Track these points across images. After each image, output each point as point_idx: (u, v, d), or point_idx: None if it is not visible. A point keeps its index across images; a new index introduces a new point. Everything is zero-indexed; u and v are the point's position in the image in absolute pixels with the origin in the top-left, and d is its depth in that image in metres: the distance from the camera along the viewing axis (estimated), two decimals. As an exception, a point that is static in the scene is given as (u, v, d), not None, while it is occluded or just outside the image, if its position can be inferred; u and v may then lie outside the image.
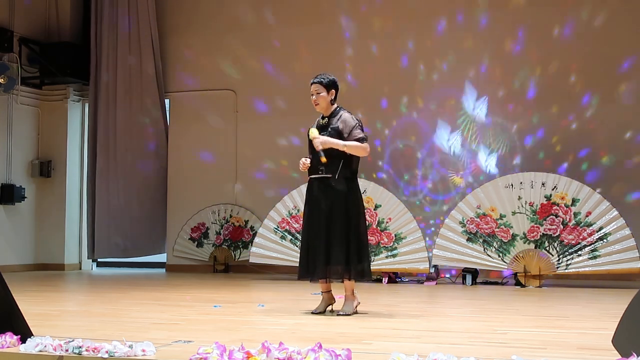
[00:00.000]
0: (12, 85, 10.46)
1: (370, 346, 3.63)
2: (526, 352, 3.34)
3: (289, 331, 4.28)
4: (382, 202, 8.55)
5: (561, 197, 7.98)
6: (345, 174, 5.10)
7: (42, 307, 5.65)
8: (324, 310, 5.21)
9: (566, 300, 6.60)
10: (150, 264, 11.35)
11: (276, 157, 10.28)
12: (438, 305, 6.50)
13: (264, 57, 10.51)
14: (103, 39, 11.07)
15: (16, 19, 10.76)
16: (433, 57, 9.70)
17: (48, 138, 11.21)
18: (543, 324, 4.76)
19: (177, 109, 11.06)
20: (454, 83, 9.55)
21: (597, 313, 5.46)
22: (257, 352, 3.01)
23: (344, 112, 5.21)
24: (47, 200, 11.12)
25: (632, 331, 2.97)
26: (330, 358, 2.92)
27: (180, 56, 11.03)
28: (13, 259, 10.58)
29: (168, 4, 11.13)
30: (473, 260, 8.21)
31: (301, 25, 10.32)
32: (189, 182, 10.79)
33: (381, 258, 8.43)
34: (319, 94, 5.18)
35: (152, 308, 5.74)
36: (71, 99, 11.30)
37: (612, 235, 7.77)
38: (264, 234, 9.00)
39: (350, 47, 10.06)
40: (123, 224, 10.92)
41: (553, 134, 9.14)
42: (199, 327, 4.42)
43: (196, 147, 10.85)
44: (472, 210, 8.25)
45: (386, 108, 9.81)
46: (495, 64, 9.45)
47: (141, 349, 3.18)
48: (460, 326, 4.60)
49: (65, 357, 3.16)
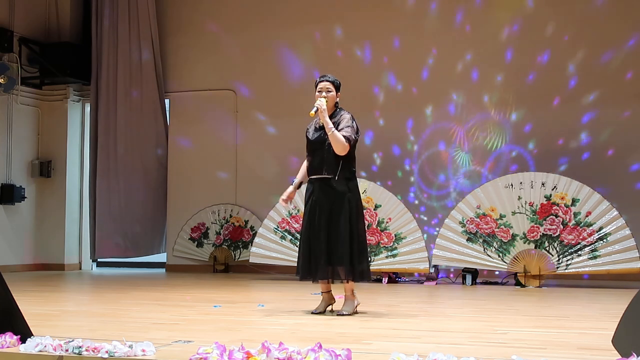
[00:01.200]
0: (12, 85, 10.46)
1: (370, 346, 3.63)
2: (526, 352, 3.34)
3: (289, 331, 4.28)
4: (382, 202, 8.55)
5: (561, 197, 7.98)
6: (345, 174, 5.11)
7: (42, 307, 5.65)
8: (324, 310, 5.21)
9: (566, 300, 6.60)
10: (150, 264, 11.35)
11: (276, 157, 10.27)
12: (438, 305, 6.49)
13: (264, 57, 10.50)
14: (103, 39, 11.07)
15: (16, 19, 10.76)
16: (436, 52, 9.70)
17: (48, 138, 11.20)
18: (543, 324, 4.76)
19: (177, 109, 11.06)
20: (455, 80, 9.57)
21: (597, 313, 5.46)
22: (257, 352, 3.01)
23: (345, 112, 5.22)
24: (47, 200, 11.11)
25: (632, 331, 2.97)
26: (330, 358, 2.92)
27: (180, 56, 11.03)
28: (13, 259, 10.58)
29: (168, 4, 11.14)
30: (473, 260, 8.21)
31: (301, 25, 10.32)
32: (189, 182, 10.80)
33: (381, 258, 8.43)
34: (329, 91, 5.18)
35: (152, 308, 5.74)
36: (71, 99, 11.29)
37: (612, 235, 7.76)
38: (264, 234, 9.00)
39: (346, 49, 10.07)
40: (123, 224, 10.92)
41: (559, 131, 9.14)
42: (199, 327, 4.42)
43: (196, 147, 10.85)
44: (472, 210, 8.25)
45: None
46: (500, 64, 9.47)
47: (141, 349, 3.18)
48: (460, 326, 4.60)
49: (65, 357, 3.16)
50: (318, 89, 5.21)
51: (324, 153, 5.13)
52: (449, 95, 9.59)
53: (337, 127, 5.09)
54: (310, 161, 5.24)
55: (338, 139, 5.03)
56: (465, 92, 9.53)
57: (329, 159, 5.10)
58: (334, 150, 5.06)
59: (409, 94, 9.78)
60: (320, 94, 5.18)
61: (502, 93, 9.39)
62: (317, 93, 5.19)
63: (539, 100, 9.23)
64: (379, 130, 9.81)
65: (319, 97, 5.16)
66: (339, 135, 5.04)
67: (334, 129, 5.05)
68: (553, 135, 9.11)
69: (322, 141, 5.14)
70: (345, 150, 5.05)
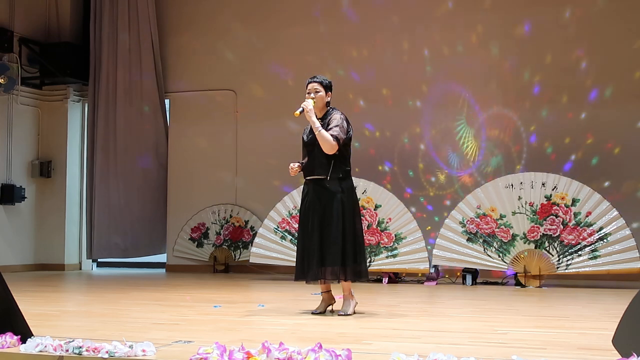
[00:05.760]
0: (12, 85, 10.46)
1: (370, 346, 3.63)
2: (526, 352, 3.34)
3: (289, 331, 4.28)
4: (382, 202, 8.55)
5: (561, 197, 7.97)
6: (337, 174, 5.11)
7: (42, 307, 5.65)
8: (324, 310, 5.21)
9: (566, 300, 6.60)
10: (150, 264, 11.35)
11: (276, 157, 10.26)
12: (438, 305, 6.49)
13: (264, 57, 10.50)
14: (103, 38, 11.06)
15: (16, 19, 10.76)
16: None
17: (48, 138, 11.20)
18: (543, 324, 4.76)
19: (177, 109, 11.06)
20: (457, 78, 9.58)
21: (597, 313, 5.46)
22: (257, 352, 3.01)
23: (336, 112, 5.21)
24: (47, 200, 11.11)
25: (632, 331, 2.97)
26: (330, 358, 2.92)
27: (180, 56, 11.03)
28: (13, 259, 10.58)
29: (168, 4, 11.14)
30: (473, 260, 8.20)
31: (302, 25, 10.32)
32: (189, 182, 10.80)
33: (381, 258, 8.43)
34: (317, 92, 5.19)
35: (152, 308, 5.74)
36: (71, 99, 11.29)
37: (612, 235, 7.76)
38: (264, 234, 9.00)
39: (353, 46, 10.08)
40: (123, 224, 10.92)
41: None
42: (199, 327, 4.42)
43: (196, 147, 10.85)
44: (472, 211, 8.24)
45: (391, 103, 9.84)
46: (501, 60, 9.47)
47: (141, 349, 3.19)
48: (460, 326, 4.60)
49: (65, 357, 3.16)
50: (307, 90, 5.22)
51: (315, 154, 5.13)
52: (456, 92, 9.60)
53: (327, 127, 5.09)
54: (304, 163, 5.25)
55: (325, 138, 5.03)
56: (472, 90, 9.51)
57: (321, 160, 5.11)
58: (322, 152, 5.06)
59: (413, 92, 9.78)
60: (309, 95, 5.19)
61: (508, 91, 9.40)
62: (307, 94, 5.21)
63: (541, 100, 9.24)
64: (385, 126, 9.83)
65: (308, 97, 5.18)
66: (326, 134, 5.04)
67: (322, 129, 5.06)
68: (556, 135, 9.12)
69: (314, 142, 5.14)
70: (333, 150, 5.05)
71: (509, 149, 9.33)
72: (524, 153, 9.26)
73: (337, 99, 5.36)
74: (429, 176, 9.63)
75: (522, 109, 9.31)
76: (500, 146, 9.37)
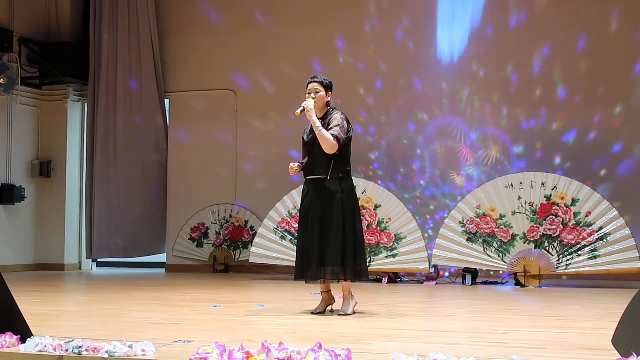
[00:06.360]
0: (12, 85, 10.46)
1: (370, 346, 3.63)
2: (526, 352, 3.34)
3: (289, 331, 4.28)
4: (382, 202, 8.55)
5: (561, 197, 7.98)
6: (337, 174, 5.12)
7: (42, 307, 5.65)
8: (324, 310, 5.21)
9: (566, 300, 6.60)
10: (150, 264, 11.35)
11: (276, 157, 10.26)
12: (438, 305, 6.49)
13: (265, 57, 10.50)
14: (103, 39, 11.06)
15: (16, 19, 10.75)
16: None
17: (48, 138, 11.20)
18: (543, 324, 4.76)
19: (177, 109, 11.06)
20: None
21: (597, 313, 5.46)
22: (257, 352, 3.01)
23: (337, 112, 5.22)
24: (47, 200, 11.11)
25: (632, 331, 2.97)
26: (330, 358, 2.92)
27: (180, 56, 11.03)
28: (13, 259, 10.58)
29: (168, 4, 11.13)
30: (473, 260, 8.21)
31: (302, 25, 10.31)
32: (189, 182, 10.80)
33: (381, 258, 8.43)
34: (317, 92, 5.20)
35: (152, 308, 5.74)
36: (71, 99, 11.29)
37: (612, 235, 7.76)
38: (263, 234, 9.00)
39: (351, 44, 10.08)
40: (123, 224, 10.92)
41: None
42: (199, 327, 4.42)
43: (196, 147, 10.84)
44: (472, 211, 8.24)
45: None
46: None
47: (141, 349, 3.19)
48: (460, 326, 4.60)
49: (65, 357, 3.16)
50: (307, 90, 5.23)
51: (315, 154, 5.14)
52: (455, 92, 9.60)
53: (327, 126, 5.10)
54: (305, 163, 5.25)
55: (326, 138, 5.04)
56: (471, 89, 9.52)
57: (321, 160, 5.11)
58: (323, 151, 5.07)
59: (413, 91, 9.78)
60: (310, 95, 5.20)
61: (505, 91, 9.40)
62: (307, 94, 5.21)
63: (542, 99, 9.24)
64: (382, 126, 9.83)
65: (308, 98, 5.19)
66: (326, 134, 5.05)
67: (322, 129, 5.07)
68: (556, 135, 9.12)
69: (314, 142, 5.15)
70: (334, 149, 5.05)
71: (509, 149, 9.32)
72: (524, 153, 9.25)
73: (342, 95, 5.35)
74: (429, 176, 9.62)
75: (522, 108, 9.30)
76: (500, 146, 9.36)
